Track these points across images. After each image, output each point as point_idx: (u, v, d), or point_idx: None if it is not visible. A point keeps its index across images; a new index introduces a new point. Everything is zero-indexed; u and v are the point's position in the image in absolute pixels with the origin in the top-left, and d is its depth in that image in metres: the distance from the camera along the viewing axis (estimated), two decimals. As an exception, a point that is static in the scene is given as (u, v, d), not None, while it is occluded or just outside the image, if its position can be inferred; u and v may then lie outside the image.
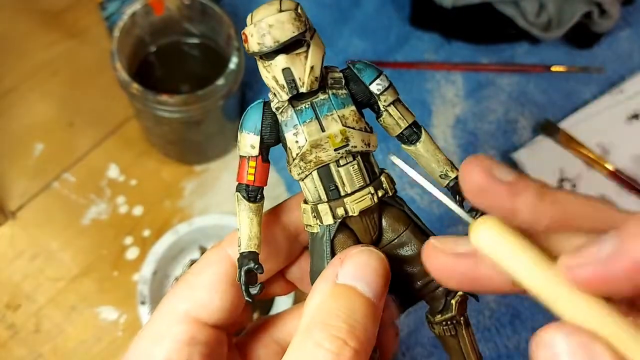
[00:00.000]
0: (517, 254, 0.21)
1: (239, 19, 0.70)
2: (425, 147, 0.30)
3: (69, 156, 0.66)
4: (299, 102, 0.28)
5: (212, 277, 0.30)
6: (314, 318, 0.25)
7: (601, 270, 0.20)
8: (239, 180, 0.29)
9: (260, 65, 0.28)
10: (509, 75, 0.69)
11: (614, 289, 0.20)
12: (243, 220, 0.29)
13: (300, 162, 0.28)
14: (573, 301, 0.21)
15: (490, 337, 0.57)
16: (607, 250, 0.20)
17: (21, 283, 0.60)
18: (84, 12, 0.73)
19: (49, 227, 0.63)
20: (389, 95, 0.29)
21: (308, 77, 0.27)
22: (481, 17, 0.68)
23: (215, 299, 0.29)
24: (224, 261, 0.30)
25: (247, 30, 0.27)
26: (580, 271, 0.20)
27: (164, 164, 0.66)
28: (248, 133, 0.28)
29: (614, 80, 0.69)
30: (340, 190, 0.28)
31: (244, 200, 0.29)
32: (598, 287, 0.20)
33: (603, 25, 0.67)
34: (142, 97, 0.55)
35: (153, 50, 0.64)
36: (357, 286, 0.25)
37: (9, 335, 0.58)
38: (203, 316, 0.29)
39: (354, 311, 0.24)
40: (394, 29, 0.72)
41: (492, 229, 0.22)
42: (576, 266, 0.21)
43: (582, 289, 0.21)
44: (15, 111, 0.68)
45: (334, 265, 0.26)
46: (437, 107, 0.68)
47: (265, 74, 0.28)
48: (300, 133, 0.28)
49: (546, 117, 0.67)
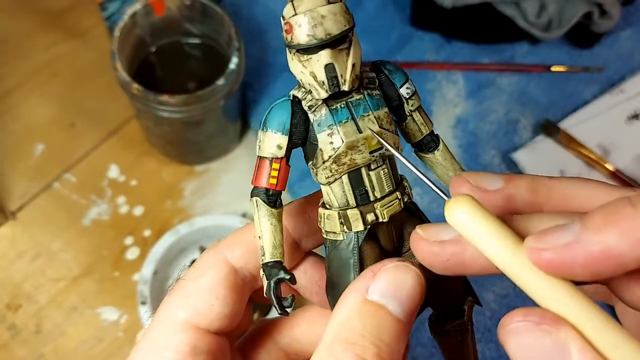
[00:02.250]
0: (487, 233, 0.22)
1: (240, 19, 0.70)
2: (443, 155, 0.29)
3: (70, 156, 0.66)
4: (334, 101, 0.26)
5: (211, 282, 0.28)
6: (338, 334, 0.23)
7: (559, 256, 0.21)
8: (257, 184, 0.27)
9: (294, 59, 0.26)
10: (509, 75, 0.69)
11: (571, 275, 0.21)
12: (265, 227, 0.26)
13: (332, 164, 0.26)
14: (539, 283, 0.22)
15: (490, 337, 0.57)
16: (567, 238, 0.21)
17: (22, 283, 0.60)
18: (85, 12, 0.73)
19: (49, 227, 0.63)
20: (415, 101, 0.28)
21: (350, 74, 0.25)
22: (482, 18, 0.68)
23: (216, 305, 0.28)
24: (223, 265, 0.29)
25: (293, 20, 0.25)
26: (541, 255, 0.21)
27: (164, 164, 0.66)
28: (275, 132, 0.26)
29: (614, 80, 0.69)
30: (370, 195, 0.27)
31: (265, 205, 0.27)
32: (556, 271, 0.21)
33: (603, 25, 0.67)
34: (142, 98, 0.55)
35: (153, 51, 0.64)
36: (388, 305, 0.24)
37: (10, 336, 0.58)
38: (204, 323, 0.28)
39: (382, 331, 0.23)
40: (394, 29, 0.72)
41: (464, 209, 0.22)
42: (537, 249, 0.21)
43: (542, 270, 0.22)
44: (16, 112, 0.68)
45: (366, 278, 0.24)
46: (438, 107, 0.68)
47: (300, 68, 0.26)
48: (336, 133, 0.26)
49: (547, 117, 0.67)
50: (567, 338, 0.20)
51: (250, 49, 0.66)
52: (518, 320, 0.21)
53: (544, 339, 0.20)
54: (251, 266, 0.29)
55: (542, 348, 0.20)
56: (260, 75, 0.68)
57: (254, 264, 0.29)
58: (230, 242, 0.30)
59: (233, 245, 0.29)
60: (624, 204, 0.21)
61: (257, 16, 0.71)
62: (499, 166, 0.65)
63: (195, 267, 0.29)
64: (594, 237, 0.20)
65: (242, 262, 0.29)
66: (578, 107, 0.67)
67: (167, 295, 0.29)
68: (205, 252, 0.30)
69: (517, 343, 0.21)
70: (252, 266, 0.29)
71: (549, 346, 0.20)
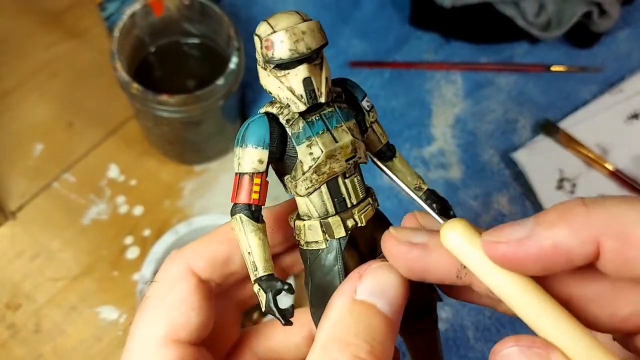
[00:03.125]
0: (477, 256, 0.23)
1: (239, 19, 0.70)
2: (400, 162, 0.31)
3: (69, 156, 0.66)
4: (308, 114, 0.27)
5: (183, 293, 0.28)
6: (331, 335, 0.24)
7: (512, 250, 0.22)
8: (239, 201, 0.27)
9: (269, 75, 0.27)
10: (508, 75, 0.70)
11: (524, 269, 0.22)
12: (254, 242, 0.27)
13: (312, 174, 0.27)
14: (526, 301, 0.23)
15: (490, 337, 0.57)
16: (521, 233, 0.22)
17: (21, 283, 0.60)
18: (84, 12, 0.73)
19: (49, 227, 0.63)
20: (374, 113, 0.30)
21: (325, 87, 0.27)
22: (481, 17, 0.68)
23: (192, 316, 0.28)
24: (190, 276, 0.29)
25: (274, 37, 0.26)
26: (496, 248, 0.23)
27: (163, 164, 0.66)
28: (255, 147, 0.27)
29: (613, 80, 0.69)
30: (347, 202, 0.28)
31: (251, 221, 0.27)
32: (510, 264, 0.23)
33: (602, 25, 0.67)
34: (142, 97, 0.56)
35: (153, 51, 0.64)
36: (377, 304, 0.24)
37: (9, 335, 0.58)
38: (184, 336, 0.28)
39: (374, 329, 0.24)
40: (393, 29, 0.72)
41: (458, 233, 0.24)
42: (493, 243, 0.23)
43: (497, 264, 0.23)
44: (15, 111, 0.68)
45: (352, 280, 0.25)
46: (436, 107, 0.68)
47: (277, 84, 0.27)
48: (315, 144, 0.27)
49: (546, 117, 0.67)
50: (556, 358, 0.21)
51: (249, 49, 0.66)
52: (510, 345, 0.22)
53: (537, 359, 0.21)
54: (216, 277, 0.29)
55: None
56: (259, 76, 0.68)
57: (219, 274, 0.29)
58: (193, 252, 0.29)
59: (197, 257, 0.29)
60: (577, 203, 0.22)
61: (256, 16, 0.72)
62: (498, 165, 0.65)
63: (162, 281, 0.29)
64: (546, 232, 0.22)
65: (207, 274, 0.29)
66: (577, 107, 0.67)
67: (139, 314, 0.29)
68: (168, 265, 0.29)
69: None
70: (217, 276, 0.29)
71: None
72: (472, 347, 0.57)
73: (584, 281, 0.23)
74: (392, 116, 0.67)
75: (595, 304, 0.24)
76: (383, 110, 0.67)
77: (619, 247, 0.21)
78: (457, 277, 0.26)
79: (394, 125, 0.66)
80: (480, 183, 0.64)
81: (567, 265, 0.22)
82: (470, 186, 0.64)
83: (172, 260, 0.30)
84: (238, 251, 0.29)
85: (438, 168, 0.64)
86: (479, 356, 0.57)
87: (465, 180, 0.64)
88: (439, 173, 0.64)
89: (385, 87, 0.69)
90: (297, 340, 0.33)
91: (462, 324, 0.58)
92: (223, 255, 0.29)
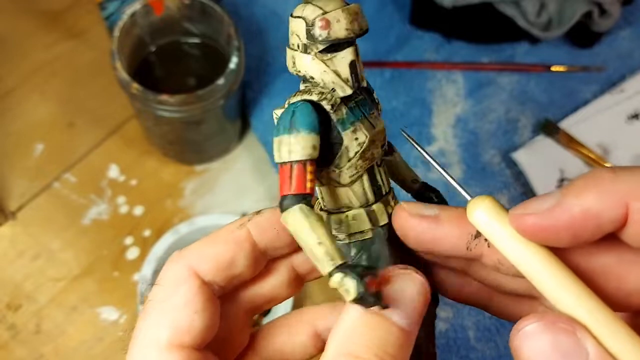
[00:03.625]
0: (505, 231, 0.24)
1: (240, 18, 0.70)
2: (399, 156, 0.32)
3: (69, 156, 0.66)
4: (347, 100, 0.27)
5: (187, 297, 0.27)
6: (341, 347, 0.23)
7: (542, 221, 0.22)
8: (294, 191, 0.25)
9: (314, 59, 0.26)
10: (509, 74, 0.69)
11: (554, 239, 0.23)
12: (323, 232, 0.24)
13: (358, 160, 0.26)
14: (555, 280, 0.23)
15: (490, 337, 0.57)
16: (549, 203, 0.22)
17: (22, 283, 0.60)
18: (84, 12, 0.73)
19: (49, 227, 0.63)
20: (380, 106, 0.30)
21: (362, 72, 0.27)
22: (482, 17, 0.68)
23: (196, 320, 0.27)
24: (193, 278, 0.28)
25: (330, 16, 0.25)
26: (524, 220, 0.23)
27: (164, 164, 0.66)
28: (309, 133, 0.25)
29: (614, 79, 0.69)
30: (382, 190, 0.28)
31: (313, 211, 0.25)
32: (539, 236, 0.23)
33: (603, 24, 0.67)
34: (142, 97, 0.55)
35: (153, 50, 0.64)
36: (392, 316, 0.23)
37: (10, 336, 0.58)
38: (188, 340, 0.27)
39: (386, 343, 0.23)
40: (394, 28, 0.72)
41: (486, 207, 0.24)
42: (521, 215, 0.23)
43: (526, 237, 0.23)
44: (15, 111, 0.68)
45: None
46: (437, 106, 0.68)
47: (322, 68, 0.26)
48: (359, 129, 0.26)
49: (546, 117, 0.67)
50: (583, 338, 0.21)
51: (250, 48, 0.66)
52: (534, 321, 0.22)
53: (562, 338, 0.21)
54: (219, 279, 0.28)
55: (561, 347, 0.21)
56: (259, 75, 0.68)
57: (223, 277, 0.28)
58: (196, 254, 0.28)
59: (200, 258, 0.28)
60: (604, 170, 0.22)
61: (257, 15, 0.71)
62: (499, 165, 0.65)
63: (164, 283, 0.28)
64: (574, 199, 0.22)
65: (211, 276, 0.28)
66: (578, 107, 0.67)
67: (141, 319, 0.28)
68: (170, 267, 0.28)
69: (534, 345, 0.21)
70: (220, 279, 0.28)
71: (567, 345, 0.21)
72: (473, 348, 0.57)
73: (592, 254, 0.24)
74: (392, 116, 0.67)
75: (602, 277, 0.24)
76: (384, 110, 0.66)
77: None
78: (467, 249, 0.26)
79: (394, 124, 0.66)
80: (481, 183, 0.64)
81: (596, 232, 0.22)
82: (471, 186, 0.64)
83: (173, 261, 0.29)
84: (243, 253, 0.28)
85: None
86: (479, 356, 0.57)
87: (466, 180, 0.64)
88: (439, 173, 0.64)
89: (385, 86, 0.68)
90: (302, 339, 0.32)
91: (462, 324, 0.58)
92: (227, 257, 0.28)
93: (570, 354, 0.21)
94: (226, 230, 0.29)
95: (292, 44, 0.26)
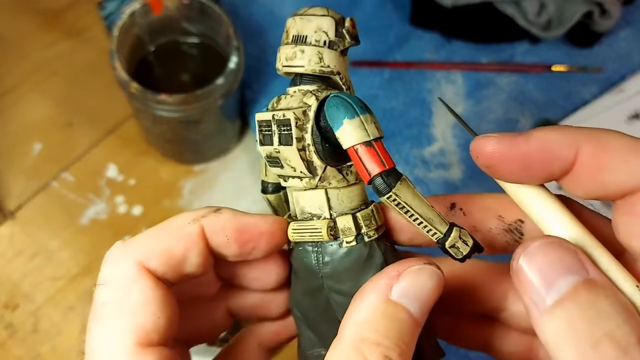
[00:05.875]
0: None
1: (238, 18, 0.70)
2: None
3: (68, 156, 0.66)
4: None
5: (144, 295, 0.25)
6: (362, 334, 0.23)
7: (501, 146, 0.24)
8: (393, 165, 0.25)
9: (340, 56, 0.27)
10: (509, 74, 0.69)
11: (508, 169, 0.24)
12: (424, 201, 0.25)
13: None
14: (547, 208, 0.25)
15: (489, 338, 0.57)
16: (513, 134, 0.24)
17: (20, 282, 0.60)
18: (83, 11, 0.72)
19: (47, 226, 0.62)
20: None
21: None
22: (481, 17, 0.68)
23: (161, 317, 0.25)
24: (144, 272, 0.26)
25: (353, 21, 0.28)
26: (484, 143, 0.25)
27: (162, 164, 0.66)
28: (373, 114, 0.26)
29: (614, 79, 0.69)
30: None
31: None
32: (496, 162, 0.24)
33: (603, 24, 0.67)
34: (141, 97, 0.55)
35: (152, 50, 0.64)
36: (410, 308, 0.24)
37: (8, 335, 0.58)
38: (156, 339, 0.25)
39: (404, 332, 0.24)
40: (394, 28, 0.71)
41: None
42: (483, 138, 0.25)
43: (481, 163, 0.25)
44: (13, 111, 0.68)
45: (389, 278, 0.24)
46: (437, 107, 0.68)
47: (345, 65, 0.28)
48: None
49: (546, 117, 0.66)
50: (583, 257, 0.23)
51: (249, 48, 0.66)
52: (542, 238, 0.23)
53: (566, 255, 0.23)
54: (169, 276, 0.27)
55: (566, 264, 0.22)
56: (258, 75, 0.68)
57: (173, 275, 0.27)
58: (143, 248, 0.26)
59: (149, 253, 0.26)
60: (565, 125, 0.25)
61: (255, 15, 0.71)
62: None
63: (113, 283, 0.26)
64: (536, 132, 0.24)
65: (161, 272, 0.26)
66: (578, 107, 0.67)
67: (96, 325, 0.25)
68: (115, 262, 0.26)
69: (542, 261, 0.22)
70: (170, 276, 0.27)
71: (570, 261, 0.22)
72: (472, 348, 0.57)
73: None
74: (392, 116, 0.67)
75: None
76: (383, 110, 0.67)
77: (595, 152, 0.23)
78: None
79: (393, 124, 0.66)
80: (481, 183, 0.64)
81: (546, 169, 0.24)
82: (470, 186, 0.64)
83: (117, 257, 0.26)
84: (196, 251, 0.27)
85: (438, 168, 0.64)
86: (479, 356, 0.57)
87: (465, 180, 0.64)
88: (439, 173, 0.64)
89: (385, 86, 0.68)
90: (215, 317, 0.32)
91: (462, 325, 0.58)
92: (178, 253, 0.26)
93: (573, 269, 0.22)
94: (177, 224, 0.27)
95: (314, 41, 0.27)
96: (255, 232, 0.27)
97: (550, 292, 0.22)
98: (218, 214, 0.28)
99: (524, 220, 0.28)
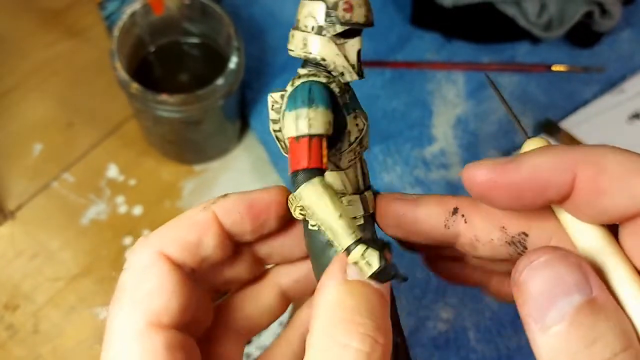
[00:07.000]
0: None
1: (239, 18, 0.70)
2: None
3: (68, 156, 0.66)
4: (347, 88, 0.27)
5: (159, 278, 0.27)
6: (332, 317, 0.23)
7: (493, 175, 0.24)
8: (313, 165, 0.24)
9: (329, 42, 0.26)
10: (510, 74, 0.69)
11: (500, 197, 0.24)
12: (340, 206, 0.24)
13: (357, 146, 0.27)
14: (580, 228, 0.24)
15: (491, 338, 0.57)
16: (504, 161, 0.24)
17: (20, 283, 0.60)
18: (84, 11, 0.72)
19: (48, 227, 0.62)
20: None
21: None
22: (482, 17, 0.68)
23: (172, 300, 0.27)
24: (162, 258, 0.28)
25: (354, 0, 0.26)
26: (474, 174, 0.24)
27: (163, 164, 0.66)
28: (326, 109, 0.25)
29: (615, 80, 0.69)
30: (367, 179, 0.29)
31: (330, 186, 0.24)
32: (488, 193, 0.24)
33: (604, 25, 0.67)
34: (141, 97, 0.55)
35: (153, 50, 0.64)
36: (371, 281, 0.24)
37: (8, 336, 0.58)
38: (166, 320, 0.27)
39: (374, 307, 0.23)
40: (394, 28, 0.71)
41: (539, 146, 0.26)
42: (472, 168, 0.25)
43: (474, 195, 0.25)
44: (14, 111, 0.68)
45: (341, 262, 0.24)
46: (438, 107, 0.68)
47: (335, 51, 0.26)
48: (359, 116, 0.27)
49: (547, 117, 0.66)
50: (588, 272, 0.22)
51: (250, 48, 0.66)
52: (548, 252, 0.22)
53: (571, 272, 0.22)
54: (189, 261, 0.28)
55: (569, 283, 0.22)
56: (259, 75, 0.68)
57: (192, 259, 0.28)
58: (162, 237, 0.28)
59: (166, 242, 0.28)
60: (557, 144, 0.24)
61: (256, 16, 0.71)
62: (499, 166, 0.65)
63: (133, 268, 0.28)
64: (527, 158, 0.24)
65: (179, 258, 0.28)
66: (579, 107, 0.67)
67: (114, 305, 0.27)
68: (138, 251, 0.28)
69: (544, 278, 0.22)
70: (190, 261, 0.28)
71: (575, 280, 0.22)
72: (473, 349, 0.57)
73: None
74: (392, 116, 0.67)
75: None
76: (383, 110, 0.67)
77: (593, 175, 0.22)
78: (446, 227, 0.27)
79: (394, 125, 0.66)
80: (482, 183, 0.64)
81: (540, 195, 0.23)
82: (471, 186, 0.64)
83: (140, 246, 0.28)
84: (210, 234, 0.28)
85: (439, 168, 0.64)
86: (479, 357, 0.57)
87: (466, 181, 0.64)
88: (440, 173, 0.64)
89: (386, 86, 0.68)
90: (269, 302, 0.33)
91: (462, 325, 0.58)
92: (193, 238, 0.28)
93: (575, 289, 0.22)
94: (189, 213, 0.29)
95: (303, 26, 0.26)
96: (263, 204, 0.29)
97: (551, 312, 0.21)
98: (226, 197, 0.29)
99: (528, 234, 0.27)
